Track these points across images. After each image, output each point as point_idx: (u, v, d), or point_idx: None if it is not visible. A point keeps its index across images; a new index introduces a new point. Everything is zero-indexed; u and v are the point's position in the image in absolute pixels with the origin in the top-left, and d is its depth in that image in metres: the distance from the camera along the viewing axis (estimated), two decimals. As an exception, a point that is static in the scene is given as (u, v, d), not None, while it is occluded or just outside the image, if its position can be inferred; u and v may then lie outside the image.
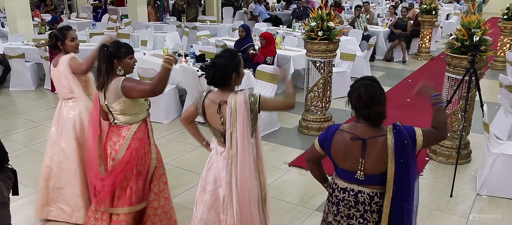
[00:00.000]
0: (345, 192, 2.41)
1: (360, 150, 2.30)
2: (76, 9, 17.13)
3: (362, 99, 2.27)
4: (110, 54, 3.00)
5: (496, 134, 5.34)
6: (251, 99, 2.69)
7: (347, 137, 2.33)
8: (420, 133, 2.29)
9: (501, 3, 11.85)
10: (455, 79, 4.73)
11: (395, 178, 2.26)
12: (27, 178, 4.53)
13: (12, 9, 9.39)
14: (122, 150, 3.09)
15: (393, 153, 2.24)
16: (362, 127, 2.32)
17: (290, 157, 5.22)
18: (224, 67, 2.69)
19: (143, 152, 3.16)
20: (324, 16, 5.51)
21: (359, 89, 2.29)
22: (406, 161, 2.25)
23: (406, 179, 2.28)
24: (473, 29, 4.59)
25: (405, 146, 2.24)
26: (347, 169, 2.38)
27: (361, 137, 2.30)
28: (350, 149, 2.32)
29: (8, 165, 2.80)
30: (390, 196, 2.29)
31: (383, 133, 2.28)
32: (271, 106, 2.95)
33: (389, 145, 2.25)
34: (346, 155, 2.35)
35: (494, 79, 7.98)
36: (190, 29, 10.94)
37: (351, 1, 17.03)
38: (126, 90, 2.97)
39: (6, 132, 6.12)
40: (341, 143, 2.35)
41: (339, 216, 2.46)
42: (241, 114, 2.65)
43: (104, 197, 3.14)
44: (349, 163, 2.35)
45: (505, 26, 9.55)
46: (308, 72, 5.83)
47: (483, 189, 4.35)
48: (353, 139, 2.30)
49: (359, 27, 10.67)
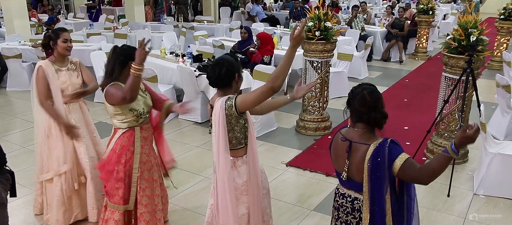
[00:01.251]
0: (344, 198, 2.44)
1: (346, 151, 2.34)
2: (73, 9, 17.10)
3: (367, 103, 2.28)
4: (127, 56, 3.03)
5: (493, 134, 5.36)
6: (227, 103, 2.57)
7: (339, 137, 2.39)
8: (401, 161, 2.19)
9: (498, 3, 11.89)
10: (452, 79, 4.74)
11: (368, 189, 2.27)
12: (25, 179, 4.52)
13: (9, 9, 9.38)
14: (107, 151, 3.20)
15: (367, 165, 2.24)
16: (355, 132, 2.35)
17: (287, 157, 5.22)
18: (228, 64, 2.67)
19: (124, 159, 3.16)
20: (321, 16, 5.52)
21: (363, 93, 2.30)
22: (378, 177, 2.23)
23: (378, 194, 2.26)
24: (470, 29, 4.60)
25: (378, 163, 2.21)
26: (337, 170, 2.45)
27: (348, 138, 2.34)
28: (340, 150, 2.38)
29: (6, 167, 2.79)
30: (368, 206, 2.29)
31: (369, 142, 2.28)
32: (251, 101, 2.54)
33: (367, 156, 2.25)
34: (338, 155, 2.41)
35: (491, 79, 8.02)
36: (187, 29, 10.93)
37: (348, 1, 17.05)
38: (107, 96, 3.02)
39: (3, 132, 6.11)
40: (335, 144, 2.44)
41: (339, 221, 2.49)
42: (217, 120, 2.59)
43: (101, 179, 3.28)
44: (339, 163, 2.41)
45: (501, 26, 9.59)
46: (305, 72, 5.84)
47: (480, 189, 4.37)
48: (342, 140, 2.35)
49: (356, 27, 10.69)
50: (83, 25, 11.46)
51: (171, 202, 4.15)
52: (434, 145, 5.04)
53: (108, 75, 3.05)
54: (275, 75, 2.42)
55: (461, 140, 2.09)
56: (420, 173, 2.17)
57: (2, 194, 2.65)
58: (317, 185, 4.58)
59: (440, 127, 5.01)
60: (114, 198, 3.19)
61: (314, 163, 4.98)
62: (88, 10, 15.65)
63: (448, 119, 4.92)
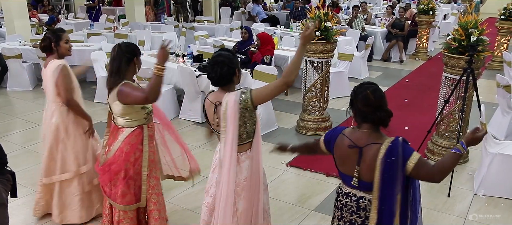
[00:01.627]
0: (348, 197, 2.41)
1: (356, 157, 2.30)
2: (73, 9, 17.10)
3: (371, 103, 2.26)
4: (131, 52, 3.04)
5: (494, 134, 5.36)
6: (242, 97, 2.62)
7: (346, 143, 2.33)
8: (415, 160, 2.20)
9: (498, 3, 11.88)
10: (453, 79, 4.74)
11: (379, 188, 2.25)
12: (25, 179, 4.52)
13: (9, 9, 9.37)
14: (112, 151, 3.15)
15: (380, 164, 2.22)
16: (362, 133, 2.32)
17: (287, 157, 5.21)
18: (229, 62, 2.68)
19: (133, 158, 3.15)
20: (321, 16, 5.52)
21: (366, 93, 2.28)
22: (391, 177, 2.21)
23: (389, 193, 2.24)
24: (471, 29, 4.60)
25: (392, 162, 2.20)
26: (345, 173, 2.40)
27: (358, 145, 2.29)
28: (349, 154, 2.33)
29: (7, 167, 2.79)
30: (376, 206, 2.27)
31: (380, 141, 2.26)
32: (266, 95, 2.64)
33: (380, 155, 2.23)
34: (345, 159, 2.37)
35: (491, 79, 8.01)
36: (187, 29, 10.93)
37: (349, 1, 17.05)
38: (121, 95, 2.98)
39: (4, 132, 6.11)
40: (341, 147, 2.37)
41: (342, 221, 2.46)
42: (230, 115, 2.61)
43: (102, 183, 3.23)
44: (347, 167, 2.37)
45: (502, 26, 9.58)
46: (306, 72, 5.84)
47: (481, 189, 4.36)
48: (351, 147, 2.31)
49: (357, 27, 10.69)
50: (84, 25, 11.45)
51: (171, 202, 4.16)
52: (434, 145, 5.04)
53: (115, 74, 3.01)
54: (289, 71, 2.54)
55: (471, 141, 2.24)
56: (433, 171, 2.22)
57: (3, 195, 2.65)
58: (317, 185, 4.58)
59: (440, 127, 5.01)
60: (126, 197, 3.17)
61: (315, 163, 4.98)
62: (88, 10, 15.65)
63: (448, 119, 4.92)
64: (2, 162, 2.76)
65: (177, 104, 6.77)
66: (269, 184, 4.40)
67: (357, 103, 2.32)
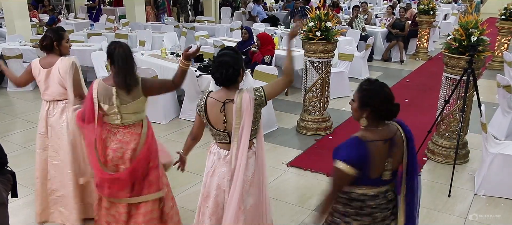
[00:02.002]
0: (377, 198, 2.36)
1: (387, 150, 2.29)
2: (74, 10, 17.11)
3: (389, 97, 2.27)
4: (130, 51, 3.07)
5: (494, 134, 5.36)
6: (256, 93, 2.68)
7: (380, 144, 2.26)
8: None
9: (499, 3, 11.88)
10: (453, 79, 4.74)
11: (407, 170, 2.37)
12: (25, 179, 4.52)
13: (10, 10, 9.38)
14: (140, 147, 3.13)
15: (407, 145, 2.35)
16: (383, 130, 2.31)
17: (288, 157, 5.22)
18: (233, 63, 2.68)
19: (155, 147, 3.26)
20: (322, 16, 5.52)
21: (384, 90, 2.27)
22: (414, 150, 2.40)
23: (415, 169, 2.39)
24: (471, 29, 4.60)
25: (412, 136, 2.37)
26: (373, 177, 2.30)
27: (388, 138, 2.31)
28: (382, 153, 2.28)
29: (7, 167, 2.79)
30: (405, 190, 2.39)
31: (396, 129, 2.35)
32: (276, 91, 2.79)
33: (404, 139, 2.35)
34: (379, 161, 2.28)
35: (491, 79, 8.01)
36: (188, 29, 10.93)
37: (349, 1, 17.05)
38: (151, 88, 3.10)
39: (4, 132, 6.11)
40: (377, 152, 2.26)
41: (375, 223, 2.40)
42: (246, 111, 2.64)
43: (121, 188, 3.13)
44: (377, 167, 2.29)
45: (502, 26, 9.57)
46: (306, 72, 5.84)
47: (481, 189, 4.36)
48: (385, 142, 2.28)
49: (357, 27, 10.69)
50: (84, 25, 11.47)
51: (171, 202, 4.15)
52: (435, 145, 5.04)
53: (132, 71, 3.01)
54: (288, 70, 2.74)
55: None
56: None
57: (3, 194, 2.65)
58: (318, 185, 4.58)
59: (441, 127, 5.01)
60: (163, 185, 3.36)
61: (315, 163, 4.98)
62: (88, 10, 15.65)
63: (449, 119, 4.92)
64: (3, 162, 2.76)
65: (178, 104, 6.77)
66: (269, 184, 4.42)
67: (374, 101, 2.24)
